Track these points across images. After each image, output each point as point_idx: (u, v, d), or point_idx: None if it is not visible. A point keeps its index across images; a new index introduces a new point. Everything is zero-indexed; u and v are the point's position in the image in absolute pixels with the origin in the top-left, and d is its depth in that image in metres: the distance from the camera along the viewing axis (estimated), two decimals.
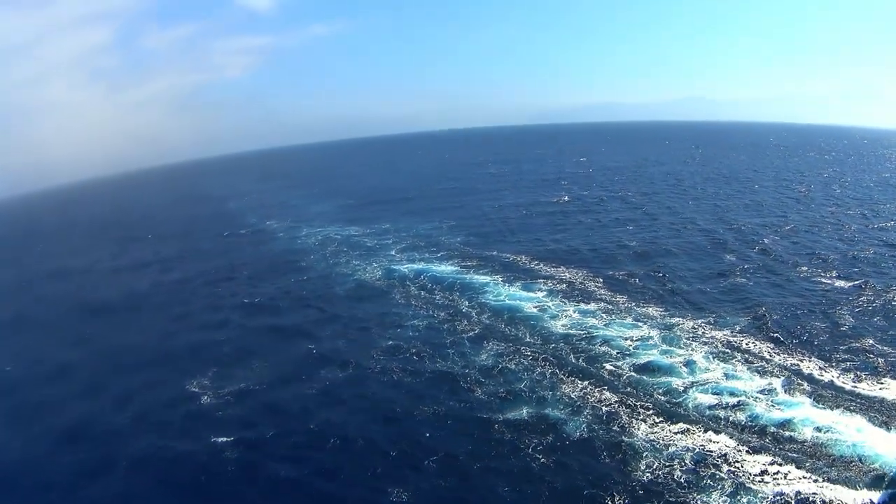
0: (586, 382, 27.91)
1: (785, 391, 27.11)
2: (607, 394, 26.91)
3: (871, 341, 30.55)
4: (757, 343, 31.39)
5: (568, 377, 28.44)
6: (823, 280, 40.51)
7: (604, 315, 35.64)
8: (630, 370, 29.03)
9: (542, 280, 43.21)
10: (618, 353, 30.62)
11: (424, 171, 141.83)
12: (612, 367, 29.23)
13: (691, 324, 33.82)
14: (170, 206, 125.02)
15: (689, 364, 29.24)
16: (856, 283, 39.48)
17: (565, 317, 35.97)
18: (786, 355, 30.05)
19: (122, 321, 44.61)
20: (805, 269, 42.80)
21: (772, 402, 26.21)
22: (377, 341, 34.10)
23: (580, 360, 29.98)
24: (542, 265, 47.22)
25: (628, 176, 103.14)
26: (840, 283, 39.64)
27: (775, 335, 32.05)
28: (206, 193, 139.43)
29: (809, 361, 29.35)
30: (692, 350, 30.59)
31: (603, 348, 31.10)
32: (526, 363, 29.79)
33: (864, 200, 69.53)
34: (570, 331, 33.60)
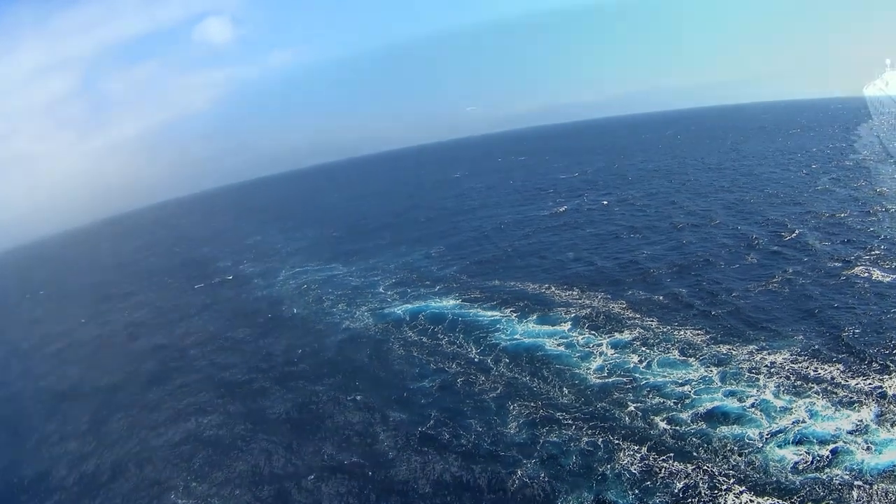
0: (645, 448, 22.87)
1: (879, 425, 22.64)
2: (675, 462, 21.89)
3: None
4: (827, 365, 26.80)
5: (623, 443, 23.35)
6: (870, 275, 36.16)
7: (643, 348, 30.67)
8: (694, 423, 24.10)
9: (559, 309, 38.10)
10: (674, 402, 25.57)
11: (404, 192, 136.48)
12: (671, 424, 24.18)
13: (747, 350, 29.02)
14: (142, 253, 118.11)
15: (761, 406, 24.53)
16: None
17: (599, 355, 30.99)
18: (863, 376, 25.68)
19: (92, 411, 38.18)
20: (848, 263, 38.36)
21: (868, 443, 21.75)
22: (384, 417, 28.39)
23: (631, 419, 24.88)
24: (554, 290, 42.13)
25: (619, 176, 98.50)
26: (884, 276, 35.35)
27: (844, 350, 27.63)
28: (179, 236, 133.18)
29: (892, 379, 25.00)
30: (759, 386, 25.79)
31: (655, 399, 25.94)
32: (569, 433, 24.43)
33: (872, 177, 65.89)
34: (610, 378, 28.45)
